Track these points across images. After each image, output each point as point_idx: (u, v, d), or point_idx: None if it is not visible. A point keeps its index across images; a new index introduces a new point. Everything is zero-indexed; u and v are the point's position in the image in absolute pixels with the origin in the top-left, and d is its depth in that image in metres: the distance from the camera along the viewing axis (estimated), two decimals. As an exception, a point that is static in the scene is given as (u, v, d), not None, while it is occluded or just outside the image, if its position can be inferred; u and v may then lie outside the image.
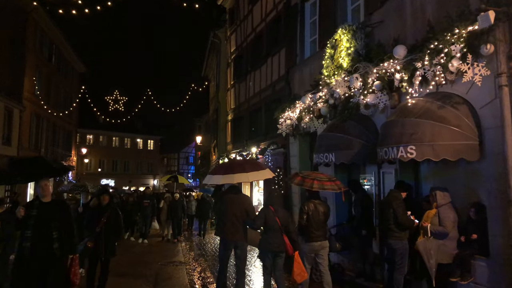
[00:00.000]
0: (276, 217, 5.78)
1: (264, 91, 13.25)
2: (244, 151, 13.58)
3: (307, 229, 5.90)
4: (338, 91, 7.59)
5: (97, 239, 5.89)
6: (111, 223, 6.03)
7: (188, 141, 52.41)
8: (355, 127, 7.21)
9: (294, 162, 10.35)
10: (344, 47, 7.60)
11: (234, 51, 17.23)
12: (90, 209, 6.82)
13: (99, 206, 6.20)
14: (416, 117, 5.39)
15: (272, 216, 5.79)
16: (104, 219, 5.96)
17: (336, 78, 7.65)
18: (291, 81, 10.71)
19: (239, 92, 16.26)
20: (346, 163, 7.08)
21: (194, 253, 11.33)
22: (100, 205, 6.18)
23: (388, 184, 6.84)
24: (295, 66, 10.59)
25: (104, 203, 6.13)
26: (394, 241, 5.60)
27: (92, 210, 6.44)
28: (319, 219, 5.92)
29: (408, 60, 5.84)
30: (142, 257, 10.61)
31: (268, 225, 5.79)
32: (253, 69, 14.46)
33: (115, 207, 6.09)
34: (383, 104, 6.60)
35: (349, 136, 7.09)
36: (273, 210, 5.86)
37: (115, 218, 6.12)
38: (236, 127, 16.92)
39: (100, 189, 8.11)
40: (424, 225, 5.43)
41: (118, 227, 6.24)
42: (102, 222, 5.95)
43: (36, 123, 26.31)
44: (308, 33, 10.36)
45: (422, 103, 5.54)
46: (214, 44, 21.25)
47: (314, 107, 8.75)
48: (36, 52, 25.70)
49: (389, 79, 6.29)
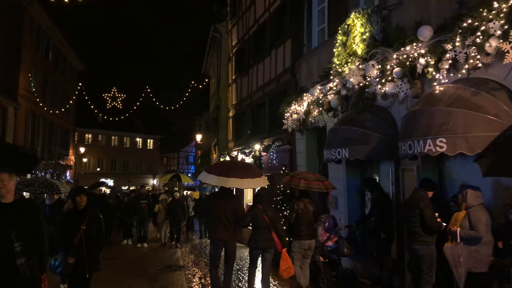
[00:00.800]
0: (265, 215, 5.92)
1: (268, 85, 12.58)
2: (246, 148, 12.91)
3: (297, 228, 6.15)
4: (352, 80, 6.92)
5: (77, 253, 4.65)
6: (92, 231, 4.79)
7: (188, 141, 51.81)
8: (371, 120, 6.55)
9: (301, 159, 9.68)
10: (358, 33, 6.93)
11: (235, 45, 16.55)
12: (63, 215, 5.45)
13: (76, 211, 4.86)
14: (446, 106, 4.72)
15: (260, 214, 5.94)
16: (83, 227, 4.70)
17: (349, 67, 6.98)
18: (297, 73, 10.04)
19: (240, 87, 15.58)
20: (362, 159, 6.41)
21: (194, 256, 10.67)
22: (77, 209, 4.84)
23: (409, 183, 6.15)
24: (302, 57, 9.92)
25: (82, 206, 4.82)
26: (420, 247, 4.92)
27: (67, 216, 5.07)
28: (308, 218, 6.19)
29: (435, 42, 5.17)
30: (137, 261, 9.97)
31: (256, 223, 5.96)
32: (255, 63, 13.78)
33: (95, 210, 4.99)
34: (404, 93, 5.93)
35: (365, 129, 6.43)
36: (262, 208, 5.99)
37: (96, 224, 4.91)
38: (237, 124, 16.24)
39: (74, 189, 6.78)
40: (453, 229, 4.75)
41: (100, 235, 5.06)
42: (81, 230, 4.69)
43: (32, 121, 25.64)
44: (315, 21, 9.68)
45: (452, 90, 4.87)
46: (215, 39, 20.57)
47: (323, 99, 8.09)
48: (32, 48, 25.03)
49: (411, 65, 5.63)
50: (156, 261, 9.82)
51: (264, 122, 12.88)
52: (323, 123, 8.35)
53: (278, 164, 10.72)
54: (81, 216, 4.76)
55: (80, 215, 4.78)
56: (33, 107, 25.28)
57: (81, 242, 4.66)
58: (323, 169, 9.21)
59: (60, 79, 31.07)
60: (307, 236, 6.15)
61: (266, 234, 5.88)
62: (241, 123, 15.57)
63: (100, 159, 46.97)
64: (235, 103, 16.51)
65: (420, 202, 4.92)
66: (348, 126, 6.76)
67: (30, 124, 25.39)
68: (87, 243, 4.72)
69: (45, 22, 26.18)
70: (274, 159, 10.93)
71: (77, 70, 35.54)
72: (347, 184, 7.90)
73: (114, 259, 9.71)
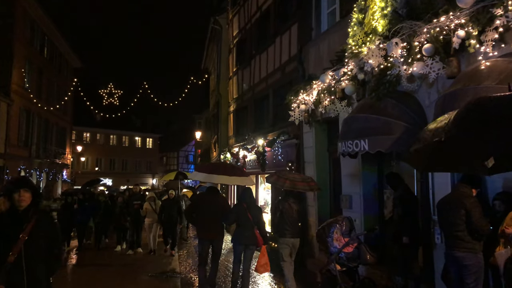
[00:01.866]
0: (248, 213, 6.24)
1: (272, 76, 11.69)
2: (248, 144, 12.02)
3: (281, 226, 6.40)
4: (371, 62, 6.03)
5: (13, 277, 2.96)
6: (38, 242, 3.09)
7: (188, 140, 51.01)
8: (394, 106, 5.67)
9: (309, 154, 8.80)
10: (378, 8, 6.05)
11: (236, 35, 15.66)
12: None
13: (13, 213, 3.11)
14: (496, 83, 3.87)
15: (244, 212, 6.27)
16: (24, 236, 3.02)
17: (368, 46, 6.10)
18: (305, 60, 9.16)
19: (242, 79, 14.69)
20: (384, 151, 5.51)
21: (192, 260, 9.79)
22: (15, 211, 3.10)
23: (440, 180, 5.26)
24: (310, 42, 9.04)
25: (22, 207, 3.09)
26: (465, 255, 4.02)
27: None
28: (292, 217, 6.40)
29: (479, 8, 4.30)
30: (129, 267, 9.06)
31: (240, 220, 6.30)
32: (258, 53, 12.90)
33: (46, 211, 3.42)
34: (435, 73, 5.03)
35: (388, 117, 5.55)
36: (245, 207, 6.33)
37: (47, 232, 3.17)
38: (239, 119, 15.35)
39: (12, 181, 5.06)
40: (508, 231, 3.89)
41: (55, 247, 3.25)
42: (20, 241, 3.00)
43: (26, 118, 24.81)
44: (325, 3, 8.82)
45: (503, 64, 4.00)
46: (215, 31, 19.68)
47: (336, 86, 7.21)
48: (26, 42, 24.18)
49: (445, 39, 4.76)
50: (149, 267, 8.93)
51: (268, 116, 12.01)
52: (335, 113, 7.47)
53: (284, 160, 9.84)
54: (21, 221, 3.08)
55: (19, 219, 3.09)
56: (27, 104, 24.43)
57: (20, 259, 2.99)
58: (334, 165, 8.36)
59: (56, 75, 30.23)
60: (291, 234, 6.38)
61: (249, 231, 6.20)
62: (243, 118, 14.71)
63: (98, 158, 46.26)
64: (236, 96, 15.62)
65: (465, 201, 4.04)
66: (367, 114, 5.88)
67: (24, 121, 24.56)
68: (29, 262, 3.03)
69: (39, 16, 25.34)
70: (279, 155, 10.04)
71: (74, 67, 34.70)
72: (363, 181, 7.02)
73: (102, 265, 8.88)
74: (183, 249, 11.48)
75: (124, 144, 48.78)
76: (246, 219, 6.20)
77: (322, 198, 8.49)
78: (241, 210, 6.32)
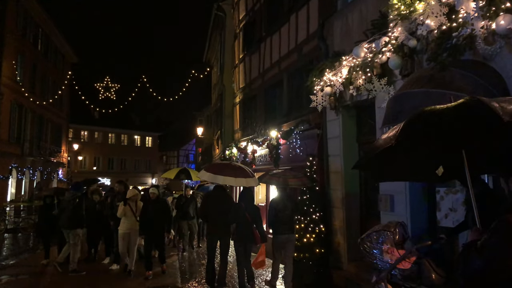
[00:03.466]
0: (246, 212, 6.44)
1: (286, 58, 10.31)
2: (258, 137, 10.65)
3: (276, 224, 6.67)
4: (429, 22, 4.70)
5: None
6: None
7: (188, 138, 49.71)
8: (463, 78, 4.30)
9: (335, 146, 7.42)
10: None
11: (243, 18, 14.27)
12: None
13: None
14: None
15: (242, 211, 6.46)
16: None
17: (428, 1, 4.74)
18: (328, 36, 7.79)
19: (250, 66, 13.28)
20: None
21: (195, 269, 8.43)
22: None
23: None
24: (335, 14, 7.67)
25: None
26: None
27: None
28: (285, 214, 6.67)
29: None
30: (119, 279, 7.62)
31: (239, 220, 6.47)
32: (269, 34, 11.52)
33: None
34: (530, 28, 3.71)
35: (458, 92, 4.18)
36: (244, 206, 6.52)
37: None
38: (246, 110, 13.97)
39: None
40: None
41: None
42: None
43: (18, 113, 23.47)
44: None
45: None
46: (218, 18, 18.29)
47: (375, 59, 5.85)
48: (18, 33, 22.81)
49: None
50: (144, 277, 7.51)
51: (281, 104, 10.64)
52: (372, 94, 6.10)
53: (303, 153, 8.46)
54: None
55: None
56: (19, 98, 23.09)
57: None
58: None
59: (51, 70, 28.90)
60: (285, 231, 6.65)
61: (247, 230, 6.43)
62: (251, 109, 13.33)
63: (96, 157, 45.00)
64: (242, 86, 14.22)
65: None
66: (426, 88, 4.51)
67: (16, 116, 23.24)
68: None
69: (32, 6, 23.98)
70: (297, 148, 8.66)
71: (70, 61, 33.32)
72: (409, 178, 5.65)
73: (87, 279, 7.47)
74: (182, 256, 10.08)
75: (122, 142, 47.53)
76: (244, 218, 6.42)
77: (351, 197, 7.14)
78: (240, 210, 6.51)
